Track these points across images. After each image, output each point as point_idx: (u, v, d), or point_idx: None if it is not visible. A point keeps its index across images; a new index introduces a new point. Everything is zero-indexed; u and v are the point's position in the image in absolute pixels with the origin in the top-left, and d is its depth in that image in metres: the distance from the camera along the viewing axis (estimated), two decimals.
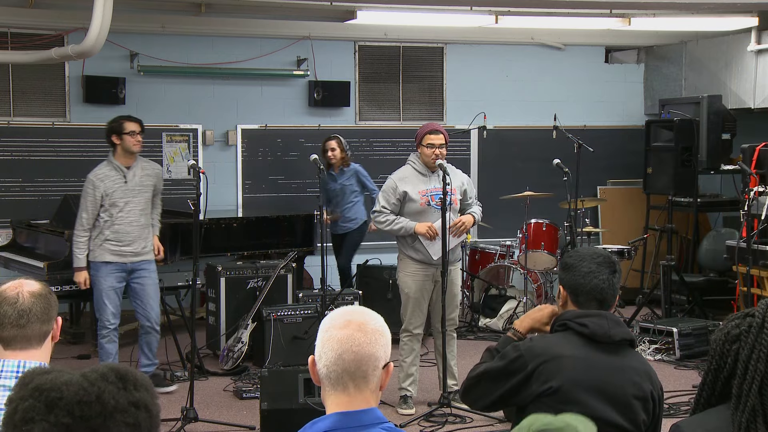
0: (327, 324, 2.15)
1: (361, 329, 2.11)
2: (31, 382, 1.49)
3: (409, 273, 6.19)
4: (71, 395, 1.45)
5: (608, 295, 3.01)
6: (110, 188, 6.33)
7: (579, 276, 3.01)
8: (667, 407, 6.22)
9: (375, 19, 9.22)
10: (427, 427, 5.87)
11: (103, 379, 1.48)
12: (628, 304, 9.15)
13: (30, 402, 1.46)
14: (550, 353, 2.92)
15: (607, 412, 2.89)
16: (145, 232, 6.48)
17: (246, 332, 7.20)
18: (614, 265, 3.04)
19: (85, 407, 1.45)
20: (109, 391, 1.47)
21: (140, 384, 1.52)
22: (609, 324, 2.94)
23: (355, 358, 2.09)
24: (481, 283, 8.89)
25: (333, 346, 2.09)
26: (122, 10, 7.91)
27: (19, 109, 8.72)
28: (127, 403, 1.48)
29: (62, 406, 1.45)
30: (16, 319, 2.59)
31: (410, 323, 6.21)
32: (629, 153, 10.20)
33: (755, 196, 7.39)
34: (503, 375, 2.94)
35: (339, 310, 2.18)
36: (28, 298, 2.62)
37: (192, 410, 5.75)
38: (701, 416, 2.08)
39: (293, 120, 9.51)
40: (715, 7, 8.67)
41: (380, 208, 6.17)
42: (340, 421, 2.08)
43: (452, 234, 6.10)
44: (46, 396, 1.46)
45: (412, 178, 6.17)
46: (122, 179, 6.37)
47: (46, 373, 1.50)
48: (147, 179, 6.48)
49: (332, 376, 2.09)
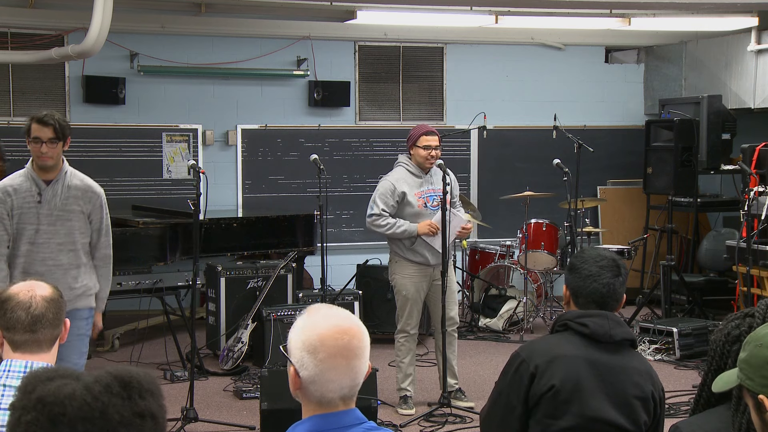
0: (321, 350, 2.04)
1: (357, 356, 2.06)
2: (34, 391, 1.47)
3: (406, 275, 6.18)
4: (74, 411, 1.43)
5: (608, 299, 3.01)
6: (18, 206, 4.69)
7: (580, 278, 3.01)
8: (667, 407, 6.22)
9: (375, 19, 9.22)
10: (427, 427, 5.87)
11: (107, 391, 1.45)
12: (628, 304, 9.06)
13: (33, 415, 1.44)
14: (551, 353, 2.92)
15: (608, 412, 2.89)
16: (69, 277, 4.73)
17: (246, 332, 7.20)
18: (619, 268, 3.03)
19: (88, 424, 1.43)
20: (113, 405, 1.44)
21: (145, 390, 1.49)
22: (610, 324, 2.94)
23: (351, 384, 2.07)
24: (481, 283, 8.89)
25: (333, 377, 2.04)
26: (122, 10, 7.91)
27: (19, 109, 8.72)
28: (132, 414, 1.46)
29: (66, 422, 1.43)
30: (29, 324, 2.60)
31: (407, 324, 6.21)
32: (629, 153, 10.20)
33: (755, 196, 7.38)
34: (515, 384, 2.93)
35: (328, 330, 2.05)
36: (42, 303, 2.62)
37: (192, 410, 5.74)
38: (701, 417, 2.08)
39: (293, 120, 9.51)
40: (715, 7, 8.67)
41: (379, 211, 6.08)
42: (318, 424, 2.05)
43: (457, 234, 6.16)
44: (49, 411, 1.43)
45: (407, 179, 6.14)
46: (35, 197, 4.70)
47: (49, 380, 1.47)
48: (73, 203, 4.74)
49: (324, 401, 2.06)
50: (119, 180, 8.93)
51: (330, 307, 2.14)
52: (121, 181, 8.95)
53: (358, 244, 9.48)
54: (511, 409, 2.92)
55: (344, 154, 9.60)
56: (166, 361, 7.22)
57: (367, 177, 9.55)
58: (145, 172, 9.03)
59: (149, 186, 9.06)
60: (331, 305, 2.17)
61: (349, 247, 9.43)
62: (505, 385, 2.95)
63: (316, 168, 6.61)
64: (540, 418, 2.88)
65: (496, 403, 2.97)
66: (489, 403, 3.03)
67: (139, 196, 8.93)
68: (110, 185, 8.87)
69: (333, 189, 8.96)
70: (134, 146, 9.01)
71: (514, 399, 2.91)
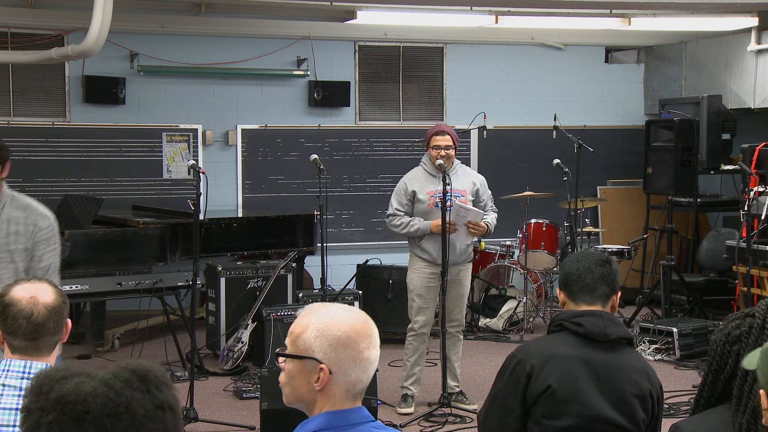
0: (350, 337, 2.07)
1: (377, 346, 2.12)
2: (51, 391, 1.42)
3: (415, 270, 6.21)
4: (99, 408, 1.40)
5: (599, 283, 2.98)
6: None
7: (568, 267, 3.04)
8: (667, 407, 6.22)
9: (375, 19, 9.22)
10: (427, 427, 5.87)
11: (128, 386, 1.43)
12: (628, 304, 9.14)
13: (54, 415, 1.40)
14: (546, 353, 2.92)
15: (607, 411, 2.90)
16: None
17: (246, 332, 7.20)
18: (607, 260, 3.05)
19: (116, 421, 1.40)
20: (137, 399, 1.42)
21: (161, 382, 1.47)
22: (605, 323, 2.95)
23: (370, 376, 2.12)
24: (481, 283, 8.89)
25: (366, 366, 2.08)
26: (122, 10, 7.91)
27: (19, 109, 8.72)
28: (154, 408, 1.44)
29: (90, 420, 1.39)
30: (29, 333, 2.57)
31: (415, 321, 6.20)
32: (629, 153, 10.19)
33: (755, 196, 7.38)
34: (511, 385, 2.93)
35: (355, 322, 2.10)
36: (43, 312, 2.58)
37: (192, 410, 5.75)
38: (701, 417, 2.08)
39: (293, 120, 9.51)
40: (715, 7, 8.67)
41: (394, 211, 6.16)
42: (330, 421, 2.07)
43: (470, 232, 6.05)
44: (71, 409, 1.39)
45: (421, 178, 6.18)
46: None
47: (64, 380, 1.43)
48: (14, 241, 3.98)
49: (354, 391, 2.09)
50: (119, 180, 8.94)
51: (337, 305, 2.16)
52: (121, 181, 8.95)
53: (358, 244, 9.49)
54: (508, 411, 2.92)
55: (344, 154, 9.60)
56: (166, 361, 7.21)
57: (367, 177, 9.55)
58: (145, 172, 9.03)
59: (149, 186, 9.06)
60: (328, 303, 2.20)
61: (349, 247, 9.43)
62: (501, 387, 2.96)
63: (316, 168, 6.61)
64: (538, 418, 2.88)
65: (494, 405, 2.98)
66: (486, 405, 3.03)
67: (139, 196, 8.93)
68: (110, 185, 8.90)
69: (333, 189, 8.96)
70: (134, 146, 9.01)
71: (511, 401, 2.91)
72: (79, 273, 6.88)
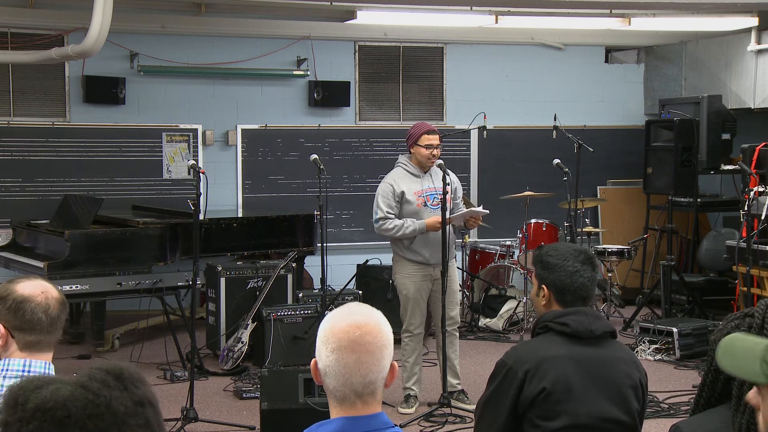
0: (331, 341, 2.06)
1: (368, 351, 2.06)
2: (27, 402, 1.41)
3: (406, 275, 6.19)
4: (79, 411, 1.40)
5: (592, 293, 3.09)
6: None
7: (565, 276, 3.04)
8: (667, 407, 6.22)
9: (375, 19, 9.22)
10: (427, 427, 5.87)
11: (105, 386, 1.43)
12: (628, 304, 9.15)
13: (35, 424, 1.39)
14: (538, 356, 2.94)
15: (604, 407, 2.92)
16: None
17: (246, 332, 7.20)
18: (593, 260, 3.11)
19: (98, 421, 1.40)
20: (116, 398, 1.43)
21: (136, 379, 1.48)
22: (589, 320, 2.99)
23: (363, 381, 2.05)
24: (481, 283, 8.89)
25: (341, 370, 2.04)
26: (122, 10, 7.91)
27: (19, 109, 8.72)
28: (134, 404, 1.45)
29: (72, 424, 1.39)
30: (48, 326, 2.58)
31: (410, 323, 6.21)
32: (629, 153, 10.20)
33: (755, 196, 7.38)
34: (502, 392, 2.94)
35: (342, 323, 2.08)
36: (57, 306, 2.61)
37: (192, 410, 5.74)
38: (701, 417, 2.08)
39: (293, 120, 9.51)
40: (715, 7, 8.67)
41: (384, 214, 6.08)
42: (346, 426, 2.05)
43: (469, 227, 6.23)
44: (51, 416, 1.39)
45: (405, 179, 6.15)
46: None
47: (39, 389, 1.42)
48: None
49: (338, 395, 2.07)
50: (119, 180, 8.94)
51: (360, 305, 2.16)
52: (121, 181, 8.95)
53: (358, 244, 9.49)
54: (500, 417, 2.93)
55: (344, 154, 9.60)
56: (166, 361, 7.22)
57: (367, 177, 9.55)
58: (145, 172, 9.03)
59: (149, 186, 9.06)
60: (365, 304, 2.17)
61: (349, 247, 9.43)
62: (493, 394, 2.97)
63: (316, 168, 6.60)
64: (533, 420, 2.89)
65: (486, 410, 2.99)
66: (479, 410, 3.04)
67: (139, 196, 8.93)
68: (110, 185, 8.90)
69: (333, 189, 8.96)
70: (134, 146, 9.01)
71: (502, 407, 2.92)
72: (79, 273, 6.89)
